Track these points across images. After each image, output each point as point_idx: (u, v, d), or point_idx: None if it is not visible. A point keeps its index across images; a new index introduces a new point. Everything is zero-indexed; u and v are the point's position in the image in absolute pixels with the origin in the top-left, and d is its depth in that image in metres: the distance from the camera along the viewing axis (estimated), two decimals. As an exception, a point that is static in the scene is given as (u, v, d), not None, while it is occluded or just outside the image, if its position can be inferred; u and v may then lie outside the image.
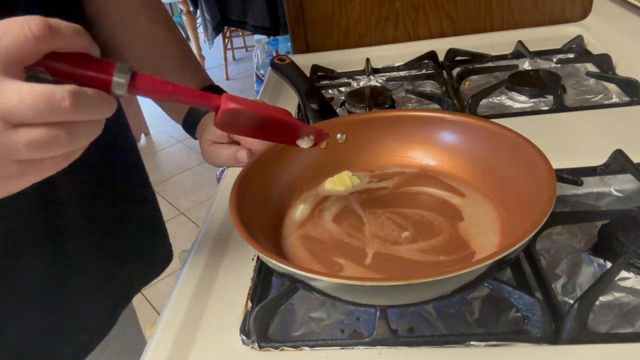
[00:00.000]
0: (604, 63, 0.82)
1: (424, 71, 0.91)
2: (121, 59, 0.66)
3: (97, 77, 0.33)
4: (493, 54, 0.91)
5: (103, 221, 0.60)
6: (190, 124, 0.67)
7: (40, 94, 0.29)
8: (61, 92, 0.30)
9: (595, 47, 0.89)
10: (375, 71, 0.92)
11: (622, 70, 0.80)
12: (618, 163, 0.56)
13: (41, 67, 0.31)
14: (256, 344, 0.43)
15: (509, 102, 0.78)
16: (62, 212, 0.53)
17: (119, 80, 0.33)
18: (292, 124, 0.47)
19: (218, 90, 0.70)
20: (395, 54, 0.99)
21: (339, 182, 0.56)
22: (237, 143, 0.64)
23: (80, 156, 0.34)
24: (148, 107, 3.00)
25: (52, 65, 0.32)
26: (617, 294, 0.44)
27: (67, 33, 0.31)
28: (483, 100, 0.77)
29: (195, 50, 3.83)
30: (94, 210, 0.58)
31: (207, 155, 0.64)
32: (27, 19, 0.29)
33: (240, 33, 3.70)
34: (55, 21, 0.30)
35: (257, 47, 2.64)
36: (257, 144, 0.60)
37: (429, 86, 0.87)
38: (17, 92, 0.29)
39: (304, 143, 0.49)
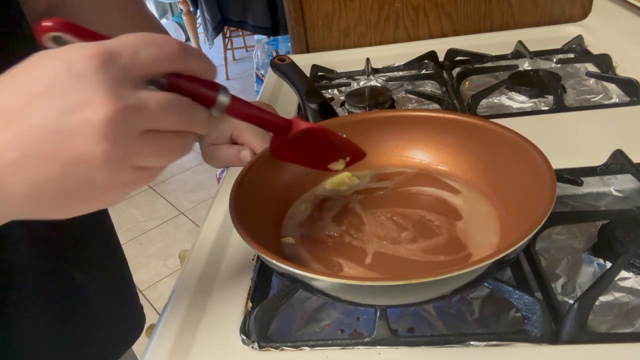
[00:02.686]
0: (604, 63, 0.82)
1: (424, 71, 0.91)
2: None
3: (204, 94, 0.34)
4: (493, 54, 0.91)
5: (58, 285, 0.53)
6: None
7: (173, 101, 0.31)
8: (184, 100, 0.32)
9: (595, 47, 0.89)
10: (375, 71, 0.92)
11: (622, 70, 0.80)
12: (618, 163, 0.56)
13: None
14: (256, 344, 0.43)
15: (509, 102, 0.78)
16: (11, 278, 0.47)
17: (222, 100, 0.35)
18: (351, 146, 0.52)
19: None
20: (395, 54, 0.99)
21: (339, 182, 0.56)
22: (237, 143, 0.64)
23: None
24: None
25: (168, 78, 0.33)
26: (617, 294, 0.44)
27: (195, 58, 0.32)
28: (483, 100, 0.77)
29: (195, 50, 3.83)
30: (47, 273, 0.51)
31: (209, 156, 0.64)
32: (167, 39, 0.31)
33: (240, 33, 3.70)
34: (187, 46, 0.32)
35: (257, 47, 2.64)
36: (259, 144, 0.60)
37: (429, 86, 0.87)
38: (156, 99, 0.29)
39: (337, 165, 0.52)
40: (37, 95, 0.27)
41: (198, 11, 3.01)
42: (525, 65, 0.87)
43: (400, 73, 0.92)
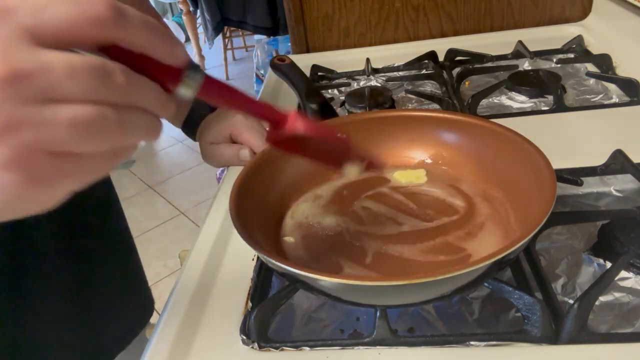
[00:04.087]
0: (604, 63, 0.82)
1: (424, 71, 0.91)
2: None
3: (165, 71, 0.26)
4: (493, 54, 0.91)
5: (74, 272, 0.54)
6: (191, 125, 0.66)
7: (94, 65, 0.23)
8: (113, 66, 0.24)
9: (595, 47, 0.89)
10: (375, 71, 0.92)
11: (622, 70, 0.80)
12: (618, 163, 0.56)
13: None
14: (256, 344, 0.43)
15: (509, 102, 0.78)
16: (31, 263, 0.48)
17: (191, 79, 0.27)
18: (354, 154, 0.44)
19: None
20: (395, 54, 0.99)
21: (414, 177, 0.55)
22: (236, 142, 0.64)
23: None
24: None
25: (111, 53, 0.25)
26: (617, 294, 0.44)
27: (137, 27, 0.25)
28: (483, 100, 0.77)
29: (195, 50, 3.83)
30: (67, 262, 0.52)
31: (208, 156, 0.64)
32: None
33: (240, 33, 3.70)
34: (126, 9, 0.24)
35: (257, 47, 2.64)
36: (258, 143, 0.60)
37: (429, 86, 0.87)
38: (66, 62, 0.23)
39: (351, 170, 0.44)
40: None
41: (198, 11, 3.01)
42: (525, 65, 0.87)
43: (400, 73, 0.92)
